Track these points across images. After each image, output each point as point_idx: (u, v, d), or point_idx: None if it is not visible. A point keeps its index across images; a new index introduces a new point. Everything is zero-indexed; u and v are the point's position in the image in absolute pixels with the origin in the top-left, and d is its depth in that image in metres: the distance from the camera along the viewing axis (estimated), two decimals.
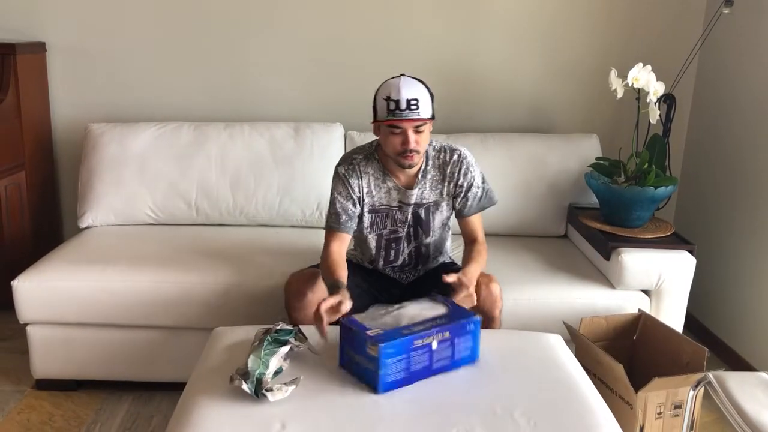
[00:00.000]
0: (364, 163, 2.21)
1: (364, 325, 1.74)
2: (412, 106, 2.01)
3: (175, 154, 2.98)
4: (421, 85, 2.07)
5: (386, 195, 2.22)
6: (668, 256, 2.52)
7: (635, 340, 2.46)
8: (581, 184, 2.95)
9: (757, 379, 1.85)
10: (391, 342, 1.66)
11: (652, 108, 2.66)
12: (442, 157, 2.23)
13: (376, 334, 1.69)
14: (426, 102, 2.05)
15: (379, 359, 1.65)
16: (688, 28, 3.22)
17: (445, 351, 1.78)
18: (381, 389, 1.67)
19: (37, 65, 3.18)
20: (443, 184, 2.24)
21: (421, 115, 2.03)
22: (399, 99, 2.00)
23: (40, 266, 2.54)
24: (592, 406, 1.68)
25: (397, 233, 2.28)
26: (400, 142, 2.05)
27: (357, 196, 2.20)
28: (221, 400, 1.63)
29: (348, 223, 2.19)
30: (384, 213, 2.24)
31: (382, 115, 2.05)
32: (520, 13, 3.24)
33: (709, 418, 2.49)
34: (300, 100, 3.31)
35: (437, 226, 2.30)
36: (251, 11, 3.21)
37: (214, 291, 2.46)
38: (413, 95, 2.02)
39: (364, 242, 2.31)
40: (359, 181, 2.20)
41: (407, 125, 2.03)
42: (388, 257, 2.33)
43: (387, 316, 1.81)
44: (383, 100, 2.04)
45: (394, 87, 2.03)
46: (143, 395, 2.59)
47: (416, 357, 1.72)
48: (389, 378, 1.68)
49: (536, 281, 2.56)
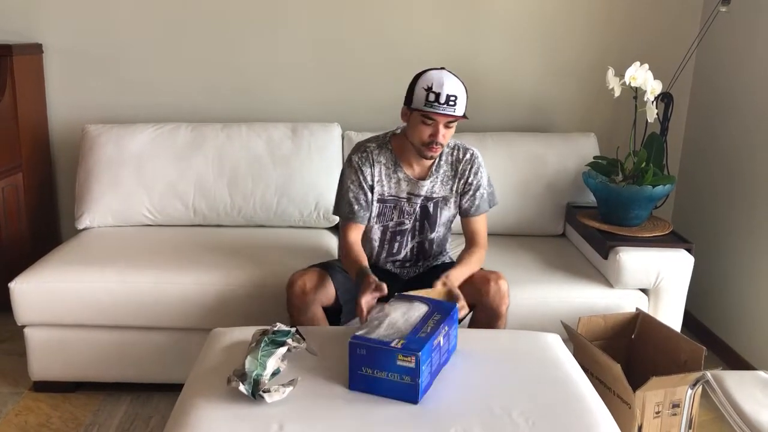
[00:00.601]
0: (377, 151, 2.25)
1: (381, 341, 1.67)
2: (450, 101, 2.05)
3: (172, 154, 2.97)
4: (461, 83, 2.11)
5: (396, 186, 2.25)
6: (666, 254, 2.52)
7: (633, 339, 2.46)
8: (579, 183, 2.95)
9: (756, 377, 1.84)
10: (424, 348, 1.63)
11: (650, 107, 2.66)
12: (455, 155, 2.28)
13: (403, 345, 1.64)
14: (463, 99, 2.10)
15: (418, 368, 1.61)
16: (686, 26, 3.22)
17: (446, 345, 1.80)
18: (420, 398, 1.64)
19: (34, 66, 3.18)
20: (454, 180, 2.28)
21: (456, 112, 2.08)
22: (440, 92, 2.04)
23: (37, 268, 2.53)
24: (591, 406, 1.68)
25: (402, 225, 2.30)
26: (429, 133, 2.10)
27: (369, 184, 2.24)
28: (219, 402, 1.63)
29: (361, 212, 2.24)
30: (392, 204, 2.27)
31: (419, 104, 2.07)
32: (519, 14, 3.24)
33: (707, 417, 2.49)
34: (297, 100, 3.30)
35: (443, 221, 2.33)
36: (249, 12, 3.20)
37: (211, 292, 2.46)
38: (453, 91, 2.06)
39: (368, 233, 2.32)
40: (371, 169, 2.24)
41: (441, 119, 2.07)
42: (391, 250, 2.35)
43: (381, 327, 1.74)
44: (423, 89, 2.06)
45: (436, 79, 2.06)
46: (141, 396, 2.59)
47: (435, 357, 1.72)
48: (424, 384, 1.65)
49: (534, 281, 2.56)
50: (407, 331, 1.71)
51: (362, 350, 1.66)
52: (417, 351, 1.61)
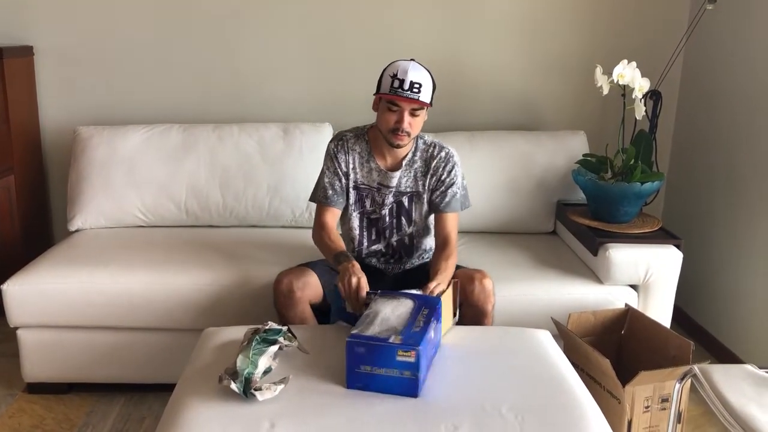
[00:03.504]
0: (353, 141, 2.33)
1: (379, 337, 1.69)
2: (414, 88, 2.11)
3: (164, 156, 2.98)
4: (427, 72, 2.18)
5: (368, 174, 2.32)
6: (655, 251, 2.54)
7: (623, 335, 2.48)
8: (569, 181, 2.97)
9: (743, 371, 1.86)
10: (422, 342, 1.66)
11: (638, 104, 2.68)
12: (430, 152, 2.33)
13: (402, 340, 1.66)
14: (428, 88, 2.15)
15: (418, 362, 1.64)
16: (673, 24, 3.24)
17: (435, 338, 1.83)
18: (420, 392, 1.67)
19: (24, 69, 3.18)
20: (426, 177, 2.32)
21: (420, 98, 2.13)
22: (404, 79, 2.11)
23: (30, 270, 2.54)
24: (581, 401, 1.70)
25: (375, 213, 2.35)
26: (395, 120, 2.16)
27: (343, 171, 2.31)
28: (210, 401, 1.64)
29: (335, 197, 2.31)
30: (365, 192, 2.34)
31: (385, 90, 2.14)
32: (508, 12, 3.25)
33: (697, 411, 2.51)
34: (289, 100, 3.31)
35: (418, 217, 2.36)
36: (239, 13, 3.21)
37: (204, 292, 2.47)
38: (418, 79, 2.12)
39: (349, 221, 2.37)
40: (346, 156, 2.32)
41: (405, 105, 2.14)
42: (370, 236, 2.38)
43: (374, 325, 1.75)
44: (389, 76, 2.14)
45: (401, 67, 2.14)
46: (134, 397, 2.60)
47: (430, 350, 1.76)
48: (423, 378, 1.69)
49: (525, 278, 2.58)
50: (401, 327, 1.74)
51: (361, 348, 1.67)
52: (416, 346, 1.64)
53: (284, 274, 2.23)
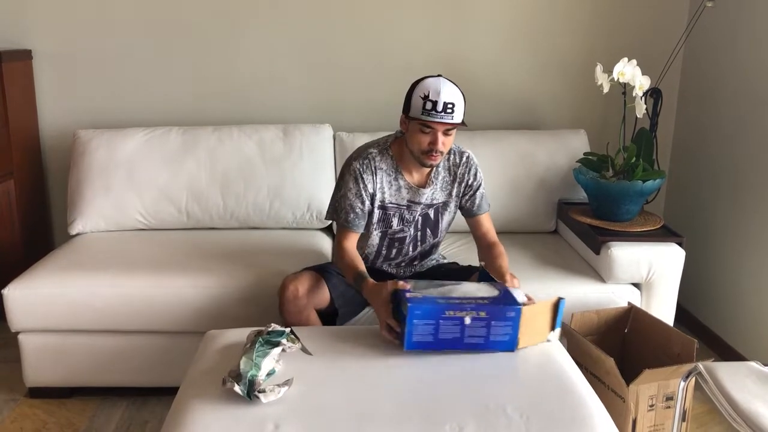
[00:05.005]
0: (379, 158, 2.22)
1: (411, 290, 1.87)
2: (447, 109, 2.03)
3: (164, 158, 2.97)
4: (458, 90, 2.09)
5: (397, 193, 2.24)
6: (657, 249, 2.54)
7: (626, 334, 2.48)
8: (570, 180, 2.96)
9: (747, 368, 1.85)
10: (419, 305, 1.80)
11: (639, 102, 2.68)
12: (452, 159, 2.27)
13: (413, 297, 1.83)
14: (460, 107, 2.08)
15: (409, 318, 1.78)
16: (673, 21, 3.24)
17: (479, 329, 1.84)
18: (406, 346, 1.81)
19: (23, 73, 3.17)
20: (453, 185, 2.28)
21: (454, 120, 2.06)
22: (437, 101, 2.02)
23: (30, 274, 2.53)
24: (585, 400, 1.69)
25: (402, 232, 2.29)
26: (428, 141, 2.09)
27: (370, 192, 2.21)
28: (214, 403, 1.63)
29: (357, 221, 2.22)
30: (393, 211, 2.26)
31: (416, 113, 2.06)
32: (507, 11, 3.25)
33: (701, 409, 2.51)
34: (288, 101, 3.31)
35: (445, 226, 2.35)
36: (238, 15, 3.21)
37: (206, 295, 2.46)
38: (451, 99, 2.04)
39: (367, 238, 2.31)
40: (373, 176, 2.20)
41: (440, 127, 2.06)
42: (389, 255, 2.35)
43: (442, 287, 1.93)
44: (420, 98, 2.05)
45: (433, 87, 2.04)
46: (137, 401, 2.59)
47: (446, 326, 1.82)
48: (414, 338, 1.81)
49: (527, 277, 2.55)
50: (445, 296, 1.87)
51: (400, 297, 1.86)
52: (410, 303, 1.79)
53: (290, 279, 2.21)
